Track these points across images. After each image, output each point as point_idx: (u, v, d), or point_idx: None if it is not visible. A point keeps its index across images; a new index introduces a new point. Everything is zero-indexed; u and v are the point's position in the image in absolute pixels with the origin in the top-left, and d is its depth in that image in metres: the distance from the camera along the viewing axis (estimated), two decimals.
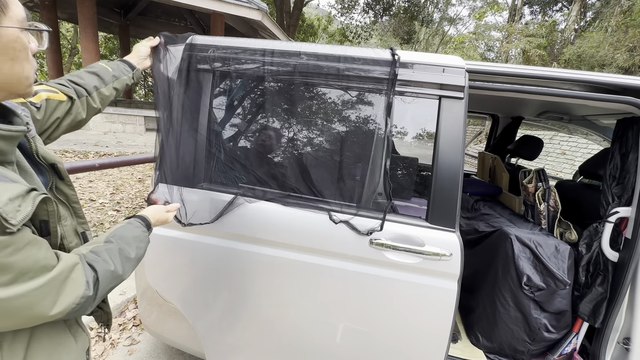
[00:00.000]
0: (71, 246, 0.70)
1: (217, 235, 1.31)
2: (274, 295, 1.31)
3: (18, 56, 0.52)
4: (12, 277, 0.49)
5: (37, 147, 0.66)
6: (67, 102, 0.87)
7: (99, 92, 0.97)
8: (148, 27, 10.44)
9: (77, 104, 0.90)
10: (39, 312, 0.53)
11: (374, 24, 19.60)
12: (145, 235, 0.81)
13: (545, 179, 1.89)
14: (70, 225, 0.71)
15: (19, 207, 0.49)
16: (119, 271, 0.66)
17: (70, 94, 0.88)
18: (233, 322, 1.37)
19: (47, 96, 0.81)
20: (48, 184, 0.68)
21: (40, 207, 0.55)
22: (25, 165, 0.62)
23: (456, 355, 1.61)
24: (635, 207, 1.36)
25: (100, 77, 0.98)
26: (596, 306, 1.45)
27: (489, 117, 3.12)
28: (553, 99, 1.36)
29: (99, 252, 0.66)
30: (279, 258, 1.26)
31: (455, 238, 1.17)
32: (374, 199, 1.22)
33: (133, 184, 4.81)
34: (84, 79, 0.94)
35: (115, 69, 1.04)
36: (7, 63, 0.52)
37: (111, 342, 1.99)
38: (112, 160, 2.19)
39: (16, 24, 0.51)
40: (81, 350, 0.70)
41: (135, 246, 0.74)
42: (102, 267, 0.63)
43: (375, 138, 1.24)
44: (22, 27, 0.52)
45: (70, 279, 0.56)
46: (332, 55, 1.23)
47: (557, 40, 14.83)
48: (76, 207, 0.74)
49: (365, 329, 1.26)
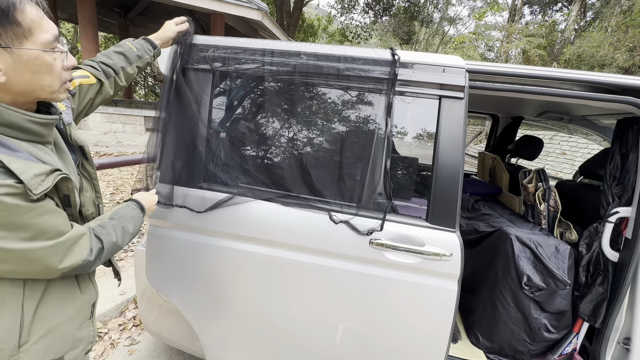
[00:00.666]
0: (88, 214, 0.86)
1: (217, 235, 1.31)
2: (274, 295, 1.31)
3: (38, 70, 0.64)
4: (33, 234, 0.63)
5: (71, 132, 0.83)
6: (97, 83, 1.01)
7: (125, 71, 1.09)
8: (148, 27, 10.43)
9: (106, 84, 1.03)
10: (49, 264, 0.67)
11: (374, 24, 19.60)
12: (140, 215, 0.97)
13: (545, 179, 1.89)
14: (90, 197, 0.87)
15: (42, 181, 0.63)
16: (119, 242, 0.83)
17: (100, 77, 1.01)
18: (233, 322, 1.37)
19: (79, 82, 0.95)
20: (77, 162, 0.84)
21: (62, 183, 0.69)
22: (62, 145, 0.79)
23: (456, 355, 1.61)
24: (635, 207, 1.36)
25: (127, 57, 1.10)
26: (596, 306, 1.44)
27: (489, 117, 3.12)
28: (553, 99, 1.36)
29: (105, 226, 0.82)
30: (279, 258, 1.26)
31: (456, 238, 1.17)
32: (374, 199, 1.22)
33: (133, 184, 4.81)
34: (113, 59, 1.06)
35: (140, 48, 1.14)
36: (28, 75, 0.63)
37: (111, 342, 1.99)
38: (112, 160, 2.19)
39: (38, 46, 0.63)
40: (87, 302, 0.84)
41: (132, 224, 0.91)
42: (106, 238, 0.79)
43: (375, 138, 1.24)
44: (43, 49, 0.63)
45: (77, 245, 0.71)
46: (332, 55, 1.23)
47: (557, 40, 14.83)
48: (95, 183, 0.90)
49: (365, 329, 1.26)
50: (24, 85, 0.63)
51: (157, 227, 1.37)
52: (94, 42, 6.69)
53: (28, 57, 0.61)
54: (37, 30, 0.62)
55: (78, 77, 0.95)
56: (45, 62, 0.64)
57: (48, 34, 0.64)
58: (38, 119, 0.67)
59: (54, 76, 0.67)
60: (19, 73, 0.62)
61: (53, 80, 0.67)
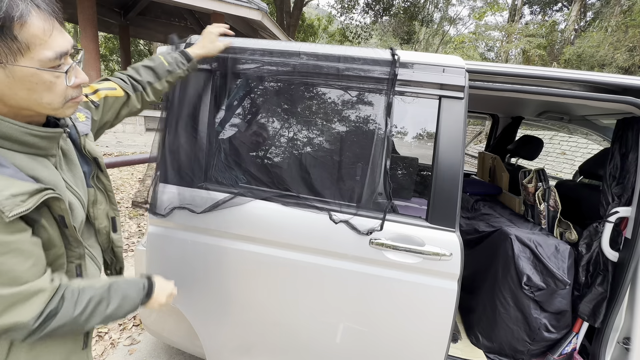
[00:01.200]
0: (101, 227, 0.83)
1: (218, 235, 1.31)
2: (274, 295, 1.31)
3: (34, 88, 0.58)
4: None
5: (85, 143, 0.79)
6: (124, 96, 0.99)
7: (152, 87, 1.07)
8: (148, 27, 10.42)
9: (133, 97, 1.01)
10: None
11: (374, 24, 19.59)
12: (138, 302, 0.82)
13: (545, 179, 1.89)
14: (104, 210, 0.84)
15: (22, 202, 0.54)
16: (79, 319, 0.66)
17: (128, 90, 1.00)
18: (233, 321, 1.37)
19: (105, 94, 0.94)
20: (91, 174, 0.81)
21: (54, 203, 0.61)
22: (73, 157, 0.75)
23: (456, 355, 1.61)
24: (635, 207, 1.36)
25: (156, 72, 1.08)
26: (596, 306, 1.44)
27: (489, 117, 3.12)
28: (553, 99, 1.37)
29: (84, 291, 0.67)
30: (279, 258, 1.26)
31: (456, 238, 1.17)
32: (374, 199, 1.22)
33: (133, 184, 4.81)
34: (141, 75, 1.05)
35: (172, 62, 1.12)
36: (23, 91, 0.58)
37: (111, 342, 1.99)
38: (112, 160, 2.19)
39: (35, 64, 0.56)
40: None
41: (117, 304, 0.74)
42: (67, 307, 0.64)
43: (375, 138, 1.24)
44: (38, 68, 0.57)
45: (26, 302, 0.58)
46: (332, 55, 1.23)
47: (557, 40, 14.83)
48: (110, 195, 0.87)
49: (365, 329, 1.26)
50: (20, 100, 0.58)
51: (157, 226, 1.37)
52: (94, 42, 6.69)
53: (22, 74, 0.56)
54: (38, 47, 0.56)
55: (104, 89, 0.94)
56: (43, 80, 0.58)
57: (50, 51, 0.57)
58: (37, 132, 0.62)
59: (55, 94, 0.61)
60: (13, 89, 0.57)
61: (53, 98, 0.61)
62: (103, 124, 0.96)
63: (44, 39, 0.56)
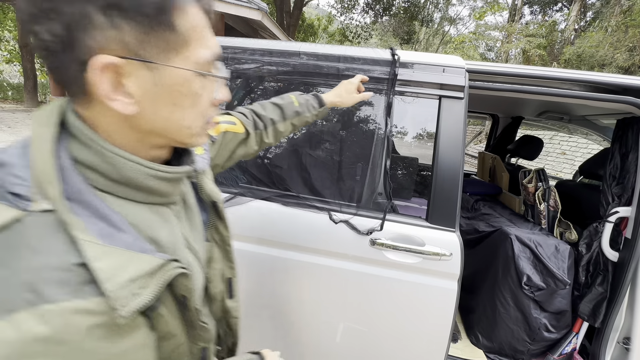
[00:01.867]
0: (216, 291, 0.63)
1: None
2: (274, 295, 1.31)
3: (181, 103, 0.42)
4: None
5: (203, 183, 0.59)
6: (244, 133, 0.84)
7: (274, 126, 0.92)
8: None
9: (252, 136, 0.86)
10: None
11: (374, 24, 19.60)
12: None
13: (545, 179, 1.89)
14: (219, 270, 0.64)
15: (141, 288, 0.37)
16: None
17: (249, 127, 0.85)
18: None
19: (225, 129, 0.79)
20: (208, 223, 0.62)
21: (180, 281, 0.44)
22: (192, 203, 0.57)
23: (456, 355, 1.61)
24: (635, 207, 1.36)
25: (282, 112, 0.94)
26: (596, 306, 1.45)
27: (489, 117, 3.12)
28: (553, 99, 1.37)
29: None
30: (279, 258, 1.26)
31: (456, 238, 1.17)
32: (374, 199, 1.23)
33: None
34: (266, 111, 0.91)
35: (303, 104, 0.98)
36: (168, 107, 0.42)
37: None
38: None
39: (191, 66, 0.41)
40: None
41: None
42: None
43: (375, 138, 1.25)
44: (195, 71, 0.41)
45: None
46: (332, 55, 1.24)
47: (557, 40, 14.83)
48: (228, 249, 0.66)
49: (365, 329, 1.26)
50: (159, 122, 0.42)
51: None
52: None
53: (173, 81, 0.40)
54: (196, 43, 0.41)
55: (225, 123, 0.79)
56: (192, 91, 0.42)
57: (209, 50, 0.43)
58: (164, 174, 0.45)
59: (197, 112, 0.45)
60: (157, 103, 0.40)
61: (195, 119, 0.45)
62: (214, 165, 0.77)
63: (202, 34, 0.42)
